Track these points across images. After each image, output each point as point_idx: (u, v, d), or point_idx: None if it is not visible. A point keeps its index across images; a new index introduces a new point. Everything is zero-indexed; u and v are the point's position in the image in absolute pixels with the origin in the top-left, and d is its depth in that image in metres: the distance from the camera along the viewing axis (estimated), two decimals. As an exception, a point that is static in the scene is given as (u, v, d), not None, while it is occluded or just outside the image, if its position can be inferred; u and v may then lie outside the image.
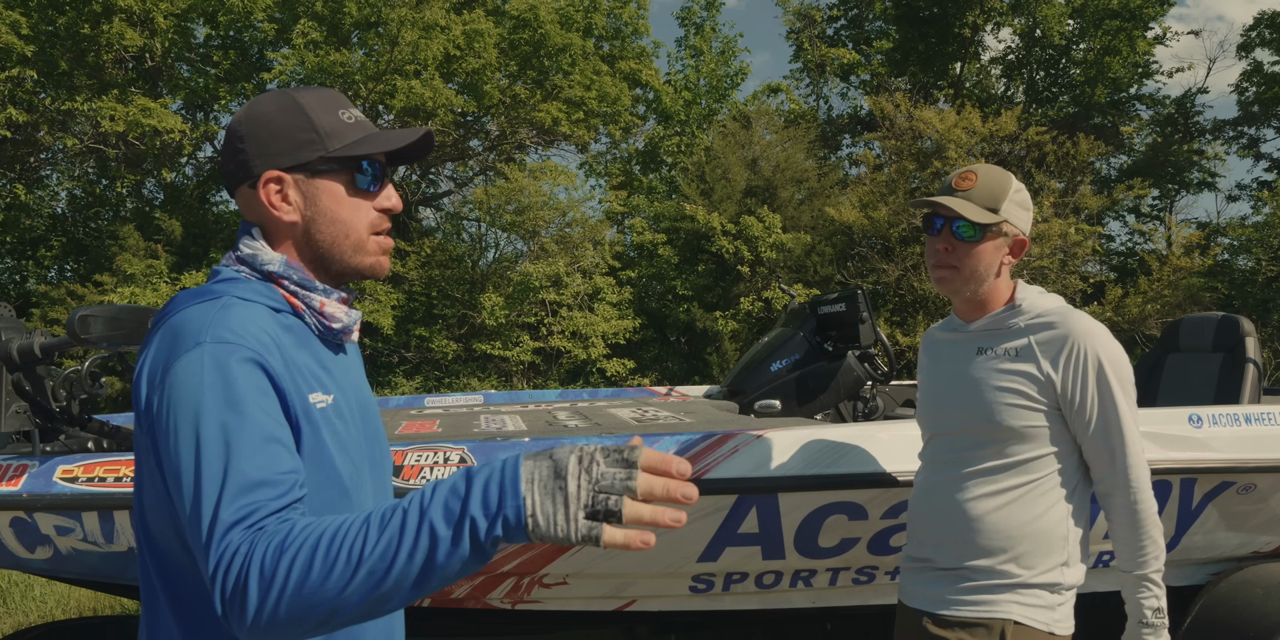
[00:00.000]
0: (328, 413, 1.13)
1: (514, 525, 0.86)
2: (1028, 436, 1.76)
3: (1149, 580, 1.72)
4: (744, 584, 2.63)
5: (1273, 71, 17.02)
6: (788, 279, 12.82)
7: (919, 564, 1.89)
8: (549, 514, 0.86)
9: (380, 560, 0.87)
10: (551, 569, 2.48)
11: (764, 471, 2.37)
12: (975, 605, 1.76)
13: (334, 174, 1.17)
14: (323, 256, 1.19)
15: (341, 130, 1.17)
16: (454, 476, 0.91)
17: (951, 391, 1.85)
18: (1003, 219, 1.75)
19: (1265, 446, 2.68)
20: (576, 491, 0.86)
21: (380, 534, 0.88)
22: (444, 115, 12.91)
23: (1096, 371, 1.71)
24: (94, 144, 12.61)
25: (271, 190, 1.16)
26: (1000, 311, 1.82)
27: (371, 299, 12.54)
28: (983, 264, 1.77)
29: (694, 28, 17.83)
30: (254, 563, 0.89)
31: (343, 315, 1.21)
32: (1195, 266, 12.88)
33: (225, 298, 1.11)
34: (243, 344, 1.05)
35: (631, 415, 3.54)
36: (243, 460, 0.98)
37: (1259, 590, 2.69)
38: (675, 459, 0.88)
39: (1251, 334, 3.32)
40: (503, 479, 0.88)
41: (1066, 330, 1.74)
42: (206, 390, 1.01)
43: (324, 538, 0.89)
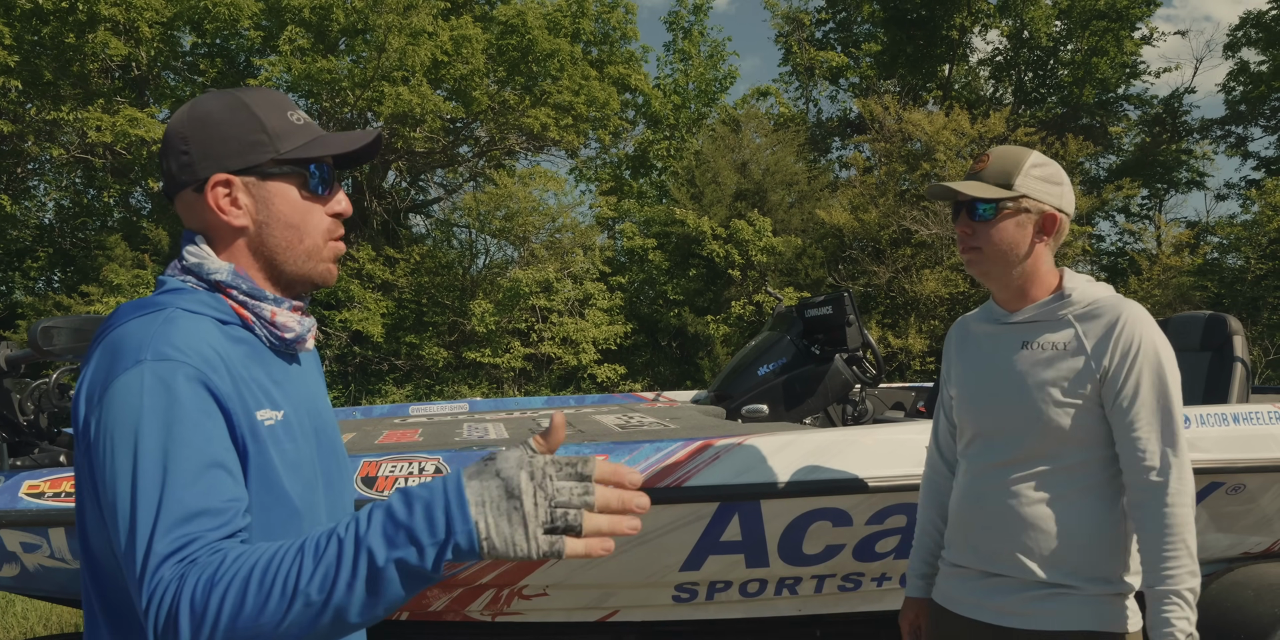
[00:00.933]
0: (276, 430, 1.08)
1: (466, 549, 0.83)
2: (1079, 438, 1.66)
3: (1182, 597, 1.56)
4: (728, 592, 2.59)
5: (1259, 71, 17.08)
6: (779, 282, 12.80)
7: (968, 572, 1.79)
8: (506, 536, 0.83)
9: (318, 592, 0.83)
10: (531, 580, 2.43)
11: (746, 478, 2.33)
12: (1046, 617, 1.66)
13: (286, 177, 1.12)
14: (274, 263, 1.14)
15: (291, 132, 1.12)
16: (391, 500, 0.86)
17: (996, 388, 1.74)
18: (1019, 194, 1.67)
19: (1254, 446, 2.65)
20: (534, 510, 0.83)
21: (316, 564, 0.84)
22: (432, 121, 12.87)
23: (1148, 364, 1.61)
24: (81, 154, 12.54)
25: (220, 194, 1.11)
26: (1046, 301, 1.72)
27: (361, 307, 12.49)
28: (1005, 242, 1.68)
29: (682, 32, 17.85)
30: (184, 598, 0.86)
31: (295, 324, 1.15)
32: (1185, 265, 12.90)
33: (169, 310, 1.06)
34: (185, 361, 1.00)
35: (616, 422, 3.50)
36: (180, 488, 0.93)
37: (1250, 592, 2.66)
38: (627, 470, 0.87)
39: (1239, 333, 3.29)
40: (447, 503, 0.84)
41: (1117, 318, 1.64)
42: (145, 412, 0.96)
43: (256, 569, 0.85)
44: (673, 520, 2.34)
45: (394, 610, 0.87)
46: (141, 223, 12.92)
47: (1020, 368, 1.70)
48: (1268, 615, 2.53)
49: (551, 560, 0.90)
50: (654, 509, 2.29)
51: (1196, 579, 1.58)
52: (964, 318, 1.93)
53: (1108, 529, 1.67)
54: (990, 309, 1.83)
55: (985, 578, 1.75)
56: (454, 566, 2.30)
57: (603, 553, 0.85)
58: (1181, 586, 1.56)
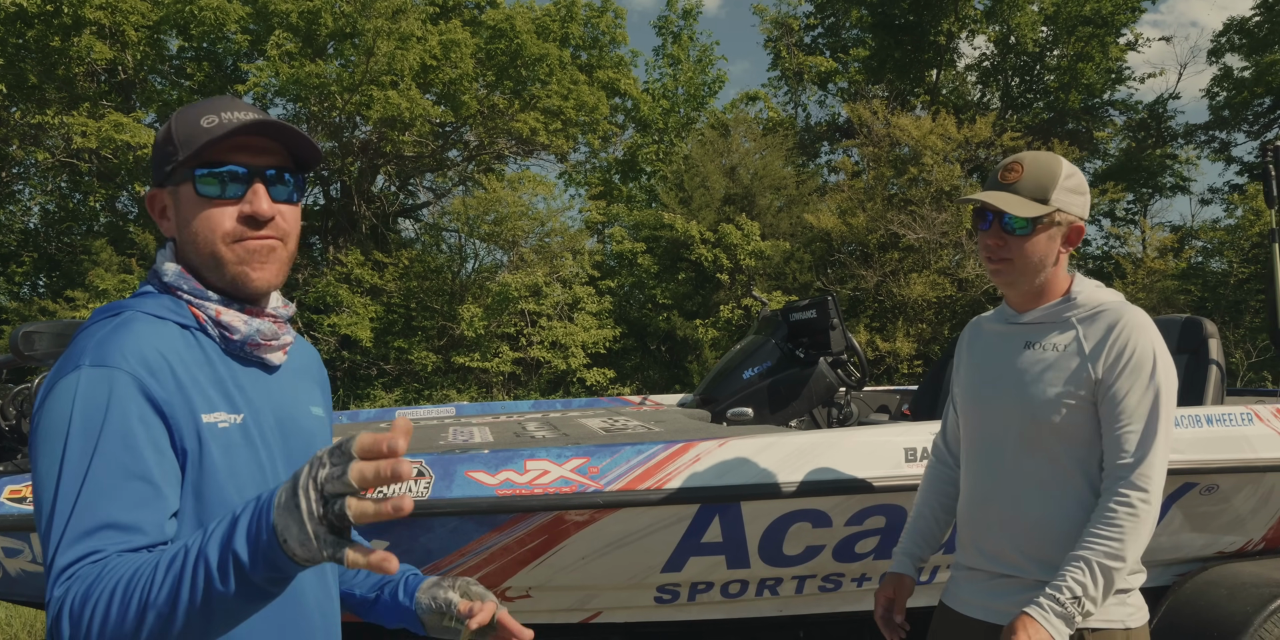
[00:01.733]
0: (231, 433, 1.09)
1: (279, 555, 0.81)
2: (1077, 437, 1.67)
3: (1090, 565, 1.58)
4: (709, 594, 2.61)
5: (1242, 77, 17.25)
6: (767, 286, 12.85)
7: (978, 574, 1.80)
8: (296, 537, 0.79)
9: (166, 602, 0.84)
10: (514, 582, 2.45)
11: (726, 480, 2.35)
12: None
13: (184, 182, 1.12)
14: (195, 267, 1.15)
15: (194, 136, 1.10)
16: (240, 507, 0.87)
17: (996, 387, 1.76)
18: (1054, 209, 1.66)
19: (1227, 447, 2.69)
20: (308, 506, 0.79)
21: (166, 574, 0.85)
22: (421, 126, 12.88)
23: (1141, 366, 1.63)
24: (66, 158, 12.50)
25: (154, 206, 1.17)
26: (1054, 303, 1.74)
27: (349, 311, 12.47)
28: (1037, 255, 1.69)
29: (671, 36, 17.91)
30: (65, 609, 0.88)
31: (240, 325, 1.14)
32: (1169, 269, 13.01)
33: (128, 313, 1.09)
34: (120, 367, 1.01)
35: (601, 425, 3.52)
36: (93, 499, 0.94)
37: (1224, 591, 2.69)
38: (384, 437, 0.78)
39: (1214, 336, 3.33)
40: (259, 508, 0.83)
41: (1116, 322, 1.66)
42: (75, 419, 0.98)
43: (121, 581, 0.87)
44: (654, 522, 2.36)
45: (242, 618, 0.88)
46: (128, 227, 12.88)
47: (1022, 367, 1.73)
48: (1240, 613, 2.56)
49: None
50: (635, 511, 2.32)
51: (1119, 562, 1.57)
52: (979, 318, 1.95)
53: None
54: (1003, 310, 1.85)
55: (993, 579, 1.76)
56: (437, 567, 2.32)
57: (380, 561, 0.79)
58: (1097, 557, 1.57)
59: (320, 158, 1.21)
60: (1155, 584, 2.93)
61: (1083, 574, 1.57)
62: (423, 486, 2.24)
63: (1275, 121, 17.45)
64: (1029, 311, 1.76)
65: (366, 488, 0.78)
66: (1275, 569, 2.77)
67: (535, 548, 2.36)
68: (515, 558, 2.37)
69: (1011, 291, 1.77)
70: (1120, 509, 1.59)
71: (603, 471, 2.32)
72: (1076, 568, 1.59)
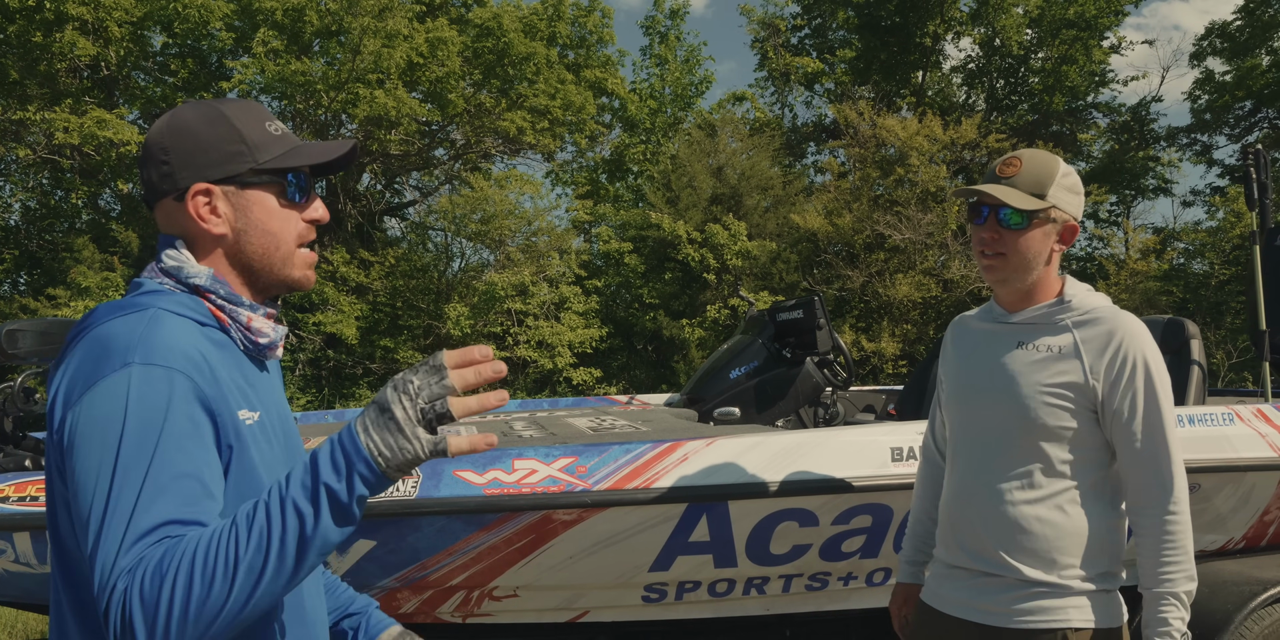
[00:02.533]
0: (255, 430, 1.11)
1: (371, 478, 0.93)
2: (1065, 438, 1.69)
3: (1178, 599, 1.64)
4: (697, 593, 2.62)
5: (1223, 80, 17.42)
6: (754, 286, 12.87)
7: (959, 571, 1.81)
8: (392, 445, 0.93)
9: (256, 554, 0.90)
10: (501, 581, 2.45)
11: (714, 479, 2.36)
12: (1032, 615, 1.70)
13: (264, 186, 1.16)
14: (253, 269, 1.17)
15: (269, 142, 1.16)
16: (305, 458, 0.96)
17: (987, 385, 1.76)
18: (1050, 205, 1.68)
19: (1209, 447, 2.72)
20: (404, 414, 0.93)
21: (249, 530, 0.91)
22: (408, 124, 12.83)
23: (1144, 378, 1.66)
24: (48, 154, 12.37)
25: (200, 203, 1.13)
26: (1048, 305, 1.74)
27: (335, 310, 12.41)
28: (1031, 251, 1.69)
29: (658, 36, 17.90)
30: (134, 593, 0.88)
31: (269, 330, 1.17)
32: (1151, 270, 13.13)
33: (152, 310, 1.07)
34: (174, 366, 1.01)
35: (588, 424, 3.52)
36: (154, 498, 0.95)
37: (1205, 589, 2.71)
38: (474, 347, 0.96)
39: (1196, 337, 3.37)
40: (343, 443, 0.94)
41: (1114, 329, 1.68)
42: (131, 417, 0.97)
43: (198, 551, 0.90)
44: (642, 521, 2.37)
45: (327, 554, 0.95)
46: (110, 225, 12.76)
47: (1013, 367, 1.73)
48: (1221, 611, 2.59)
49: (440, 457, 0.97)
50: (623, 510, 2.33)
51: (1193, 583, 1.66)
52: (963, 316, 1.96)
53: (1096, 527, 1.71)
54: (990, 309, 1.85)
55: (977, 577, 1.77)
56: (424, 567, 2.31)
57: (486, 446, 0.95)
58: (1179, 589, 1.64)
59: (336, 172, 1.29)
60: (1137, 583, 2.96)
61: (1178, 609, 1.64)
62: (410, 486, 2.23)
63: (1256, 125, 17.65)
64: (1021, 311, 1.76)
65: (468, 388, 0.95)
66: (1256, 567, 2.80)
67: (523, 547, 2.36)
68: (503, 557, 2.37)
69: (1003, 289, 1.76)
70: (1172, 529, 1.66)
71: (590, 471, 2.32)
72: (1170, 606, 1.65)
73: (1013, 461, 1.72)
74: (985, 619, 1.73)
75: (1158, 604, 1.65)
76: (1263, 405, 2.90)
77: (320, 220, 1.22)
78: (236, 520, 0.92)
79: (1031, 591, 1.70)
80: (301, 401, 11.95)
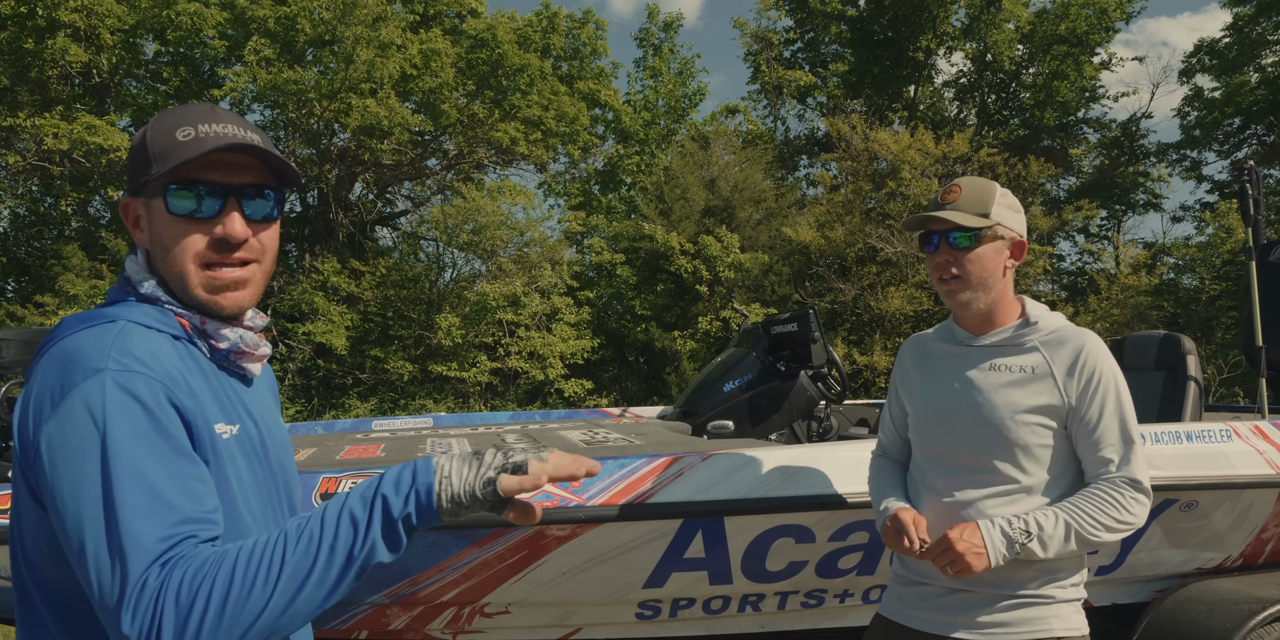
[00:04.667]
0: (232, 444, 1.08)
1: (425, 500, 0.95)
2: (1042, 455, 1.75)
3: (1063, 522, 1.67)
4: (691, 610, 2.58)
5: (1212, 97, 17.57)
6: (745, 298, 12.87)
7: (930, 588, 1.83)
8: (461, 473, 0.96)
9: (304, 557, 0.90)
10: (493, 598, 2.40)
11: (710, 495, 2.33)
12: (1018, 626, 1.73)
13: (158, 196, 1.08)
14: (167, 283, 1.12)
15: (170, 150, 1.06)
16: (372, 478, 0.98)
17: (962, 407, 1.80)
18: (995, 222, 1.76)
19: (1206, 464, 2.70)
20: (491, 459, 0.99)
21: (299, 537, 0.91)
22: (400, 134, 12.81)
23: (1113, 392, 1.73)
24: (38, 161, 12.31)
25: (127, 215, 1.14)
26: (1014, 326, 1.81)
27: (325, 319, 12.34)
28: (986, 268, 1.77)
29: (652, 49, 17.98)
30: (168, 595, 0.87)
31: (227, 332, 1.13)
32: (1142, 285, 13.18)
33: (121, 323, 1.04)
34: (148, 373, 0.98)
35: (581, 437, 3.49)
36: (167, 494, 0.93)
37: (1203, 607, 2.70)
38: (586, 461, 1.02)
39: (1192, 352, 3.36)
40: (416, 464, 0.97)
41: (1080, 348, 1.75)
42: (113, 423, 0.94)
43: (241, 555, 0.90)
44: (636, 537, 2.33)
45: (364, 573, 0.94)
46: (100, 232, 12.69)
47: (988, 388, 1.78)
48: (1219, 629, 2.57)
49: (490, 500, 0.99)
50: (617, 526, 2.29)
51: (1090, 535, 1.66)
52: (920, 336, 2.00)
53: None
54: (952, 330, 1.89)
55: (950, 593, 1.79)
56: (415, 583, 2.27)
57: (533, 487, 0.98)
58: (1073, 519, 1.66)
59: (298, 180, 1.17)
60: (1134, 600, 2.93)
61: (1049, 522, 1.67)
62: (401, 500, 2.19)
63: (1245, 141, 17.79)
64: (988, 334, 1.82)
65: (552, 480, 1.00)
66: (1254, 585, 2.78)
67: (515, 563, 2.32)
68: (495, 573, 2.33)
69: (966, 312, 1.82)
70: (1118, 496, 1.68)
71: (585, 485, 2.29)
72: (1046, 515, 1.68)
73: (993, 479, 1.75)
74: (969, 634, 1.75)
75: (1038, 511, 1.69)
76: (1260, 422, 2.89)
77: (227, 237, 1.07)
78: (287, 528, 0.93)
79: (1015, 603, 1.74)
80: (291, 411, 11.87)
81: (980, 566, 1.64)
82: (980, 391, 1.78)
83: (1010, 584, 1.73)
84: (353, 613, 2.40)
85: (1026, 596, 1.73)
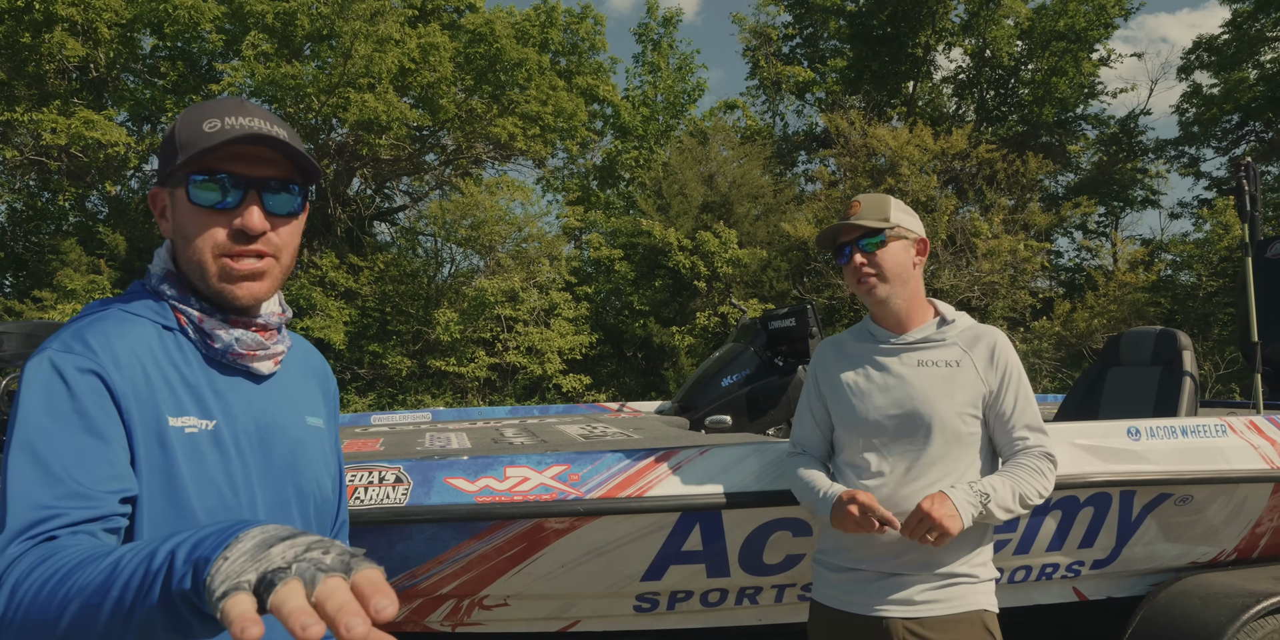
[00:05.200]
0: (198, 439, 1.07)
1: (200, 564, 0.73)
2: (968, 442, 1.95)
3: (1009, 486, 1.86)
4: (689, 602, 2.59)
5: (1211, 93, 17.57)
6: (744, 294, 12.88)
7: (866, 574, 1.97)
8: (231, 560, 0.71)
9: (96, 591, 0.80)
10: (492, 590, 2.42)
11: (707, 488, 2.34)
12: (953, 601, 1.92)
13: (181, 186, 1.11)
14: (185, 275, 1.14)
15: (194, 140, 1.08)
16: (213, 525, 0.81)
17: (896, 402, 1.96)
18: (895, 224, 2.00)
19: (1201, 458, 2.71)
20: (268, 556, 0.71)
21: (106, 563, 0.81)
22: (398, 129, 12.79)
23: (1017, 374, 1.99)
24: (35, 156, 12.28)
25: (155, 204, 1.17)
26: (934, 324, 2.02)
27: (323, 314, 12.34)
28: (899, 264, 1.98)
29: (651, 44, 17.94)
30: (12, 573, 0.87)
31: (221, 333, 1.12)
32: (1139, 282, 13.19)
33: (109, 309, 1.11)
34: (83, 354, 1.03)
35: (579, 432, 3.50)
36: (55, 466, 0.96)
37: (1197, 600, 2.72)
38: (387, 594, 0.69)
39: (1188, 348, 3.37)
40: (225, 528, 0.76)
41: (992, 341, 2.00)
42: (35, 396, 0.99)
43: (69, 564, 0.84)
44: (634, 530, 2.34)
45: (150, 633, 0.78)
46: (97, 227, 12.67)
47: (920, 383, 1.96)
48: (1213, 623, 2.58)
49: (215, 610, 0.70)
50: (615, 519, 2.30)
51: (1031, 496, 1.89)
52: (835, 338, 2.18)
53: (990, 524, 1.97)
54: (871, 331, 2.08)
55: (885, 578, 1.95)
56: (414, 575, 2.28)
57: (239, 633, 0.65)
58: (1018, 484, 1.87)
59: (319, 175, 1.18)
60: (1129, 594, 2.95)
61: (1000, 486, 1.86)
62: (400, 493, 2.21)
63: (1243, 138, 17.79)
64: (910, 332, 2.02)
65: (318, 600, 0.68)
66: (1248, 579, 2.80)
67: (514, 556, 2.33)
68: (493, 565, 2.34)
69: (884, 310, 2.01)
70: (1042, 466, 1.93)
71: (584, 479, 2.30)
72: (995, 481, 1.87)
73: (933, 469, 1.93)
74: (906, 611, 1.92)
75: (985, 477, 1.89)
76: (1255, 417, 2.90)
77: (245, 229, 1.08)
78: (111, 551, 0.82)
79: (945, 583, 1.93)
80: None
81: (956, 529, 1.79)
82: (913, 386, 1.96)
83: (938, 564, 1.92)
84: (352, 605, 2.41)
85: (956, 576, 1.93)
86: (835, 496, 1.95)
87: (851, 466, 2.02)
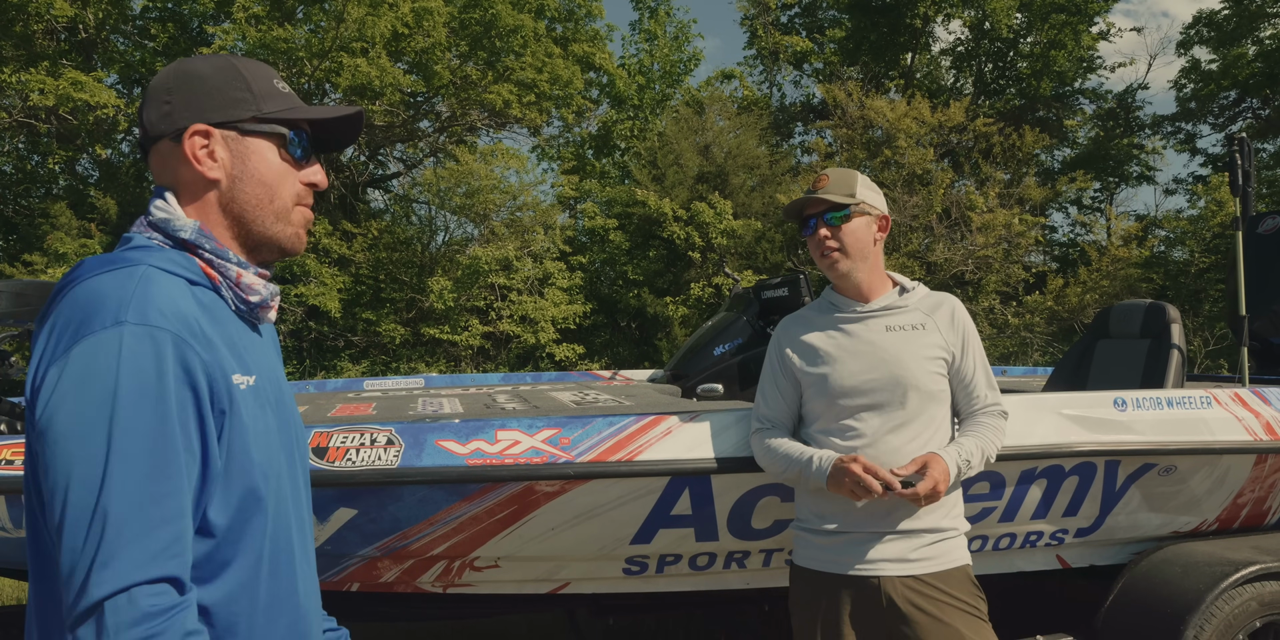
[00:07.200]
0: (248, 395, 1.07)
1: None
2: (939, 398, 2.09)
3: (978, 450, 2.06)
4: (678, 566, 2.63)
5: (1209, 69, 17.47)
6: (738, 265, 12.86)
7: (855, 535, 2.05)
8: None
9: None
10: (482, 552, 2.45)
11: (696, 453, 2.36)
12: (944, 558, 2.04)
13: (265, 137, 1.14)
14: (244, 220, 1.13)
15: (275, 96, 1.15)
16: None
17: (871, 365, 2.07)
18: (860, 200, 2.09)
19: (1186, 429, 2.75)
20: None
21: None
22: (392, 95, 12.65)
23: (974, 337, 2.16)
24: (24, 118, 12.12)
25: (197, 143, 1.10)
26: (893, 293, 2.16)
27: (317, 282, 12.30)
28: (861, 239, 2.09)
29: (648, 12, 17.71)
30: None
31: (260, 287, 1.13)
32: (1133, 257, 13.22)
33: (143, 267, 1.02)
34: (169, 328, 0.96)
35: (571, 398, 3.52)
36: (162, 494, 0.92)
37: (1177, 568, 2.77)
38: None
39: (1177, 321, 3.39)
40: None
41: (950, 307, 2.16)
42: (126, 380, 0.92)
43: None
44: (624, 494, 2.37)
45: None
46: (88, 191, 12.56)
47: (892, 347, 2.07)
48: (1193, 590, 2.64)
49: None
50: (605, 483, 2.32)
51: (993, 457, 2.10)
52: (796, 315, 2.27)
53: None
54: (834, 302, 2.18)
55: (874, 538, 2.03)
56: (405, 536, 2.30)
57: None
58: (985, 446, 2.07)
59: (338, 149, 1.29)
60: (1112, 562, 3.00)
61: (972, 445, 2.04)
62: (392, 455, 2.22)
63: (1240, 114, 17.73)
64: (874, 301, 2.13)
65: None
66: (1227, 548, 2.85)
67: (505, 518, 2.36)
68: (484, 527, 2.37)
69: (846, 283, 2.13)
70: (1000, 424, 2.13)
71: (574, 443, 2.32)
72: (970, 442, 2.05)
73: (910, 427, 2.04)
74: (903, 570, 2.00)
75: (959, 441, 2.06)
76: (1240, 390, 2.93)
77: (318, 185, 1.20)
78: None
79: (931, 538, 2.03)
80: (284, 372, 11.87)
81: (946, 487, 1.95)
82: (885, 350, 2.07)
83: (926, 521, 2.03)
84: (344, 565, 2.44)
85: (943, 530, 2.05)
86: (831, 461, 2.01)
87: (826, 433, 2.10)
